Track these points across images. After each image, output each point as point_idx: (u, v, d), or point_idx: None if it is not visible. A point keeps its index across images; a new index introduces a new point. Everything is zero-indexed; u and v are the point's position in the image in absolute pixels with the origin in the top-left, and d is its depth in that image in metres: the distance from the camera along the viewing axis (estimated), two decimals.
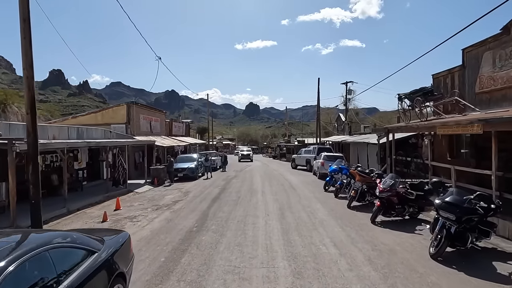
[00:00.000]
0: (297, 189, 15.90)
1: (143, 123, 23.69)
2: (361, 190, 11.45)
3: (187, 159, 22.12)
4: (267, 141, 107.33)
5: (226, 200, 12.81)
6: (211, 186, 17.56)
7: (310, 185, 17.55)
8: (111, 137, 17.03)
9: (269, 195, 14.01)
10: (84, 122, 21.18)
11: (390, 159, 15.81)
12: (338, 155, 21.30)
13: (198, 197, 13.82)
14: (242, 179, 20.68)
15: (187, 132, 38.07)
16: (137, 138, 20.81)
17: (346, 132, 33.51)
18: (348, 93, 41.06)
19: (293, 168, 29.76)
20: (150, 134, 24.91)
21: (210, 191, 15.66)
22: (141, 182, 18.36)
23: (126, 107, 21.29)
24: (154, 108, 27.30)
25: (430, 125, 11.62)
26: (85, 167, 16.37)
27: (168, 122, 30.88)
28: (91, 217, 10.58)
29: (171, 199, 13.56)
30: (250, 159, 42.61)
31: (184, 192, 15.51)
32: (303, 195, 13.93)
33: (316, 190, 15.42)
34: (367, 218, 9.50)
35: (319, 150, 25.86)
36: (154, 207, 11.89)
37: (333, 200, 12.82)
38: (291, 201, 12.45)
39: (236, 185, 17.43)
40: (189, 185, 18.36)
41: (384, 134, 16.16)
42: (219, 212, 10.66)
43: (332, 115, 51.76)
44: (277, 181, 19.06)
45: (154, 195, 15.00)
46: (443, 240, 6.31)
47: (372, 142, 18.47)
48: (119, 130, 21.11)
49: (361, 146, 21.67)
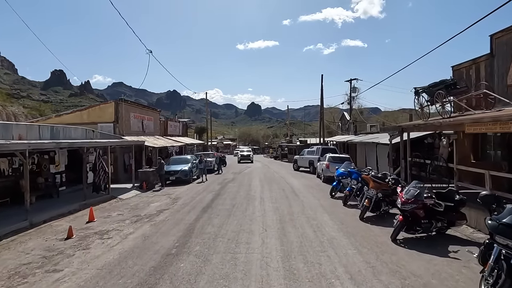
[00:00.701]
0: (300, 195, 14.20)
1: (134, 122, 22.05)
2: (376, 198, 9.76)
3: (180, 161, 20.47)
4: (268, 141, 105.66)
5: (219, 210, 11.13)
6: (205, 191, 15.88)
7: (314, 189, 15.84)
8: (94, 137, 15.38)
9: (269, 202, 12.31)
10: (69, 121, 19.55)
11: (404, 161, 14.09)
12: (345, 156, 19.59)
13: (188, 205, 12.14)
14: (239, 182, 18.99)
15: (184, 132, 36.43)
16: (126, 138, 19.19)
17: (351, 131, 31.78)
18: (353, 91, 39.41)
19: (295, 169, 28.06)
20: (142, 134, 23.28)
21: (202, 197, 13.99)
22: (128, 187, 16.71)
23: (114, 104, 19.64)
24: (147, 106, 25.67)
25: (457, 123, 9.89)
26: (64, 171, 14.71)
27: (163, 121, 29.24)
28: (55, 232, 8.92)
29: (156, 208, 11.89)
30: (250, 160, 40.91)
31: (173, 199, 13.84)
32: (307, 203, 12.23)
33: (322, 196, 13.72)
34: (385, 235, 7.81)
35: (323, 151, 24.19)
36: (134, 218, 10.22)
37: (342, 209, 11.11)
38: (294, 211, 10.75)
39: (232, 190, 15.74)
40: (180, 190, 16.68)
41: (397, 133, 14.44)
42: (208, 225, 8.97)
43: (335, 114, 50.06)
44: (277, 185, 17.37)
45: (139, 202, 13.33)
46: (503, 277, 4.59)
47: (383, 142, 16.75)
48: (106, 129, 19.50)
49: (370, 146, 19.94)
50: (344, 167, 14.18)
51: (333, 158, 19.16)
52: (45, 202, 12.33)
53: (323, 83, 30.93)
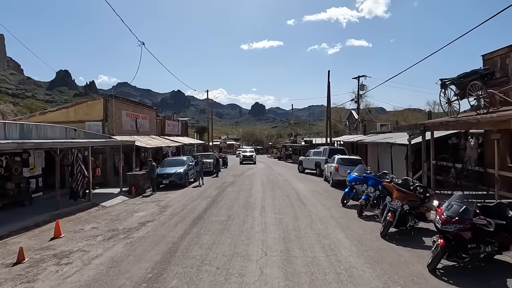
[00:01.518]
0: (307, 202, 12.43)
1: (126, 120, 20.42)
2: (401, 211, 7.99)
3: (175, 163, 18.79)
4: (272, 141, 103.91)
5: (211, 222, 9.40)
6: (200, 197, 14.17)
7: (323, 196, 14.06)
8: (77, 136, 13.75)
9: (271, 213, 10.56)
10: (54, 119, 17.97)
11: (427, 164, 12.28)
12: (356, 158, 17.78)
13: (176, 216, 10.43)
14: (239, 187, 17.25)
15: (184, 132, 34.79)
16: (116, 138, 17.56)
17: (359, 131, 29.92)
18: (361, 88, 37.52)
19: (300, 171, 26.29)
20: (136, 134, 21.66)
21: (195, 205, 12.28)
22: (114, 192, 15.06)
23: (103, 101, 18.02)
24: (142, 104, 24.06)
25: (502, 119, 8.08)
26: (41, 174, 13.07)
27: (159, 120, 27.60)
28: (6, 253, 7.25)
29: (139, 219, 10.20)
30: (253, 161, 39.16)
31: (161, 207, 12.15)
32: (316, 213, 10.46)
33: (332, 205, 11.95)
34: (419, 261, 6.09)
35: (330, 152, 22.41)
36: (109, 234, 8.54)
37: (358, 222, 9.34)
38: (300, 225, 9.00)
39: (231, 197, 14.02)
40: (173, 195, 14.99)
41: (418, 132, 12.63)
42: (195, 246, 7.25)
43: (342, 113, 48.18)
44: (281, 191, 15.61)
45: (123, 211, 11.66)
46: None
47: (400, 142, 14.92)
48: (94, 128, 17.90)
49: (383, 147, 18.11)
50: (358, 171, 12.40)
51: (343, 160, 17.36)
52: (13, 211, 10.71)
53: (329, 80, 29.13)
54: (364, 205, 10.17)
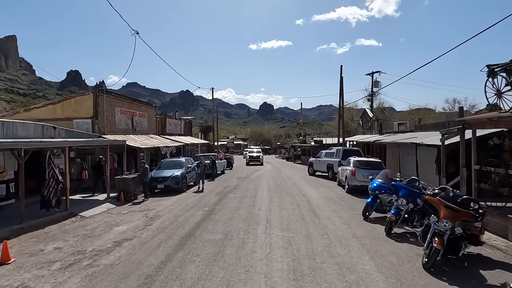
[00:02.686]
0: (321, 214, 10.45)
1: (120, 118, 18.70)
2: (451, 235, 5.99)
3: (172, 165, 16.98)
4: (280, 141, 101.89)
5: (203, 243, 7.51)
6: (196, 205, 12.30)
7: (339, 205, 12.07)
8: (56, 135, 12.05)
9: (277, 229, 8.62)
10: (40, 116, 16.34)
11: (466, 169, 10.18)
12: (375, 160, 15.71)
13: (162, 232, 8.57)
14: (242, 193, 15.35)
15: (187, 131, 33.05)
16: (107, 137, 15.85)
17: (374, 130, 27.75)
18: (374, 85, 35.31)
19: (311, 174, 24.28)
20: (132, 132, 19.95)
21: (188, 216, 10.40)
22: (100, 198, 13.31)
23: (93, 96, 16.30)
24: (139, 101, 22.30)
25: None
26: (13, 179, 11.36)
27: (160, 118, 25.88)
28: None
29: (117, 235, 8.38)
30: (260, 162, 37.24)
31: (149, 218, 10.31)
32: (333, 230, 8.49)
33: (351, 218, 9.96)
34: None
35: (344, 153, 20.35)
36: (71, 258, 6.72)
37: (388, 245, 7.33)
38: (315, 248, 7.03)
39: (231, 205, 12.12)
40: (166, 202, 13.17)
41: (456, 131, 10.52)
42: (174, 282, 5.37)
43: (354, 112, 45.91)
44: (290, 198, 13.66)
45: (102, 223, 9.86)
46: None
47: (429, 143, 12.82)
48: (83, 126, 16.22)
49: (406, 148, 16.00)
50: (382, 177, 10.38)
51: (360, 163, 15.31)
52: None
53: (342, 75, 27.02)
54: (394, 221, 8.17)
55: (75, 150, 14.98)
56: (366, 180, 14.69)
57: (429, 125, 17.67)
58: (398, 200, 8.33)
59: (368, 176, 14.74)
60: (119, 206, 12.51)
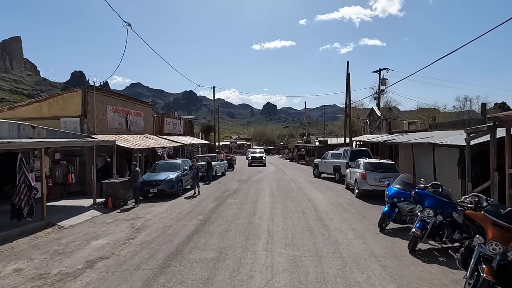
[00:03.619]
0: (331, 224, 9.16)
1: (113, 117, 17.52)
2: (502, 260, 4.70)
3: (168, 167, 15.77)
4: (284, 141, 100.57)
5: (191, 264, 6.26)
6: (190, 213, 11.06)
7: (349, 213, 10.76)
8: (35, 135, 10.87)
9: (280, 245, 7.34)
10: (25, 115, 15.22)
11: (498, 174, 8.85)
12: (387, 162, 14.38)
13: (146, 248, 7.33)
14: (243, 197, 14.09)
15: (187, 131, 31.86)
16: (97, 138, 14.69)
17: (383, 130, 26.38)
18: (381, 83, 33.92)
19: (316, 176, 23.00)
20: (126, 132, 18.77)
21: (179, 227, 9.16)
22: (85, 205, 12.12)
23: (81, 93, 15.12)
24: (133, 99, 21.10)
25: None
26: None
27: (157, 118, 24.70)
28: None
29: (93, 252, 7.15)
30: (263, 163, 35.98)
31: (135, 229, 9.08)
32: (347, 246, 7.20)
33: (365, 229, 8.67)
34: None
35: (352, 154, 19.09)
36: (27, 286, 5.50)
37: (415, 267, 6.04)
38: (327, 273, 5.75)
39: (229, 213, 10.86)
40: (158, 209, 11.95)
41: (486, 129, 9.19)
42: None
43: (359, 111, 44.50)
44: (295, 204, 12.38)
45: (81, 235, 8.64)
46: None
47: (449, 143, 11.48)
48: (71, 126, 15.06)
49: (421, 149, 14.65)
50: (401, 183, 9.12)
51: (371, 165, 14.00)
52: None
53: (349, 71, 25.69)
54: (419, 237, 6.87)
55: (61, 151, 13.84)
56: (378, 184, 13.41)
57: (445, 123, 16.31)
58: (424, 211, 7.03)
59: (381, 180, 13.50)
60: (105, 214, 11.30)
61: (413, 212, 8.59)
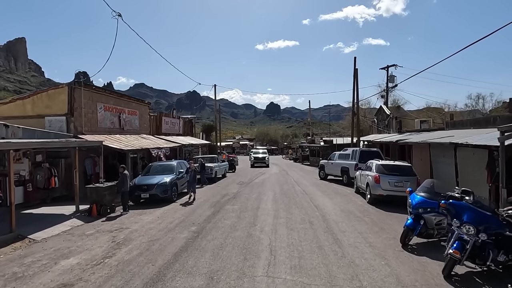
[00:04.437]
0: (344, 239, 7.83)
1: (104, 115, 16.30)
2: None
3: (161, 170, 14.53)
4: (287, 141, 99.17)
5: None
6: (181, 223, 9.77)
7: (363, 223, 9.43)
8: (10, 134, 9.67)
9: (285, 268, 6.03)
10: (7, 113, 14.09)
11: None
12: (403, 164, 13.00)
13: (122, 272, 6.05)
14: (243, 203, 12.80)
15: (187, 131, 30.64)
16: (85, 138, 13.51)
17: (392, 129, 24.96)
18: (390, 80, 32.46)
19: (322, 178, 21.68)
20: (119, 132, 17.57)
21: (167, 241, 7.88)
22: (66, 213, 10.88)
23: (67, 89, 13.90)
24: (128, 96, 19.85)
25: None
26: None
27: (154, 117, 23.49)
28: None
29: (57, 277, 5.89)
30: (266, 164, 34.67)
31: (115, 244, 7.82)
32: (365, 269, 5.87)
33: (385, 244, 7.33)
34: None
35: (362, 155, 17.75)
36: None
37: None
38: None
39: (226, 223, 9.57)
40: (148, 218, 10.68)
41: None
42: None
43: (365, 110, 43.03)
44: (300, 212, 11.06)
45: (52, 252, 7.39)
46: None
47: (475, 143, 10.10)
48: (56, 125, 13.87)
49: (440, 150, 13.28)
50: (427, 190, 7.80)
51: (385, 167, 12.65)
52: None
53: (356, 67, 24.31)
54: (458, 260, 5.54)
55: (43, 153, 12.64)
56: (393, 189, 12.08)
57: (465, 121, 14.89)
58: (462, 227, 5.70)
59: (396, 184, 12.14)
60: (87, 223, 10.06)
61: (441, 224, 7.30)
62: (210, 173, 19.86)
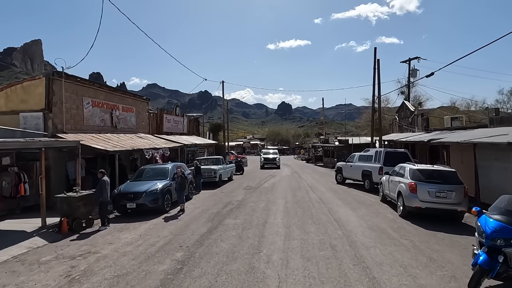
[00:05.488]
0: (382, 277, 5.56)
1: (91, 112, 14.37)
2: None
3: (153, 174, 12.51)
4: (299, 141, 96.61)
5: None
6: (166, 246, 7.64)
7: (404, 250, 7.10)
8: None
9: None
10: None
11: None
12: (447, 170, 10.49)
13: None
14: (247, 216, 10.61)
15: (192, 130, 28.65)
16: (65, 138, 11.59)
17: (418, 126, 22.38)
18: (411, 74, 29.80)
19: (339, 182, 19.34)
20: (112, 131, 15.64)
21: (138, 279, 5.75)
22: (27, 230, 8.91)
23: (45, 80, 11.99)
24: (122, 91, 17.94)
25: None
26: None
27: (154, 114, 21.54)
28: None
29: None
30: (277, 165, 32.45)
31: (68, 281, 5.74)
32: None
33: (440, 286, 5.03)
34: None
35: (387, 157, 15.39)
36: None
37: None
38: None
39: (223, 247, 7.39)
40: (128, 235, 8.61)
41: None
42: None
43: (384, 107, 40.25)
44: (318, 229, 8.80)
45: None
46: None
47: None
48: (32, 122, 11.99)
49: (489, 151, 10.83)
50: (506, 212, 5.44)
51: (422, 173, 10.22)
52: None
53: (376, 57, 21.83)
54: None
55: (11, 155, 10.74)
56: (433, 201, 9.67)
57: None
58: None
59: (437, 194, 9.70)
60: (51, 243, 8.05)
61: None
62: (213, 177, 17.77)
